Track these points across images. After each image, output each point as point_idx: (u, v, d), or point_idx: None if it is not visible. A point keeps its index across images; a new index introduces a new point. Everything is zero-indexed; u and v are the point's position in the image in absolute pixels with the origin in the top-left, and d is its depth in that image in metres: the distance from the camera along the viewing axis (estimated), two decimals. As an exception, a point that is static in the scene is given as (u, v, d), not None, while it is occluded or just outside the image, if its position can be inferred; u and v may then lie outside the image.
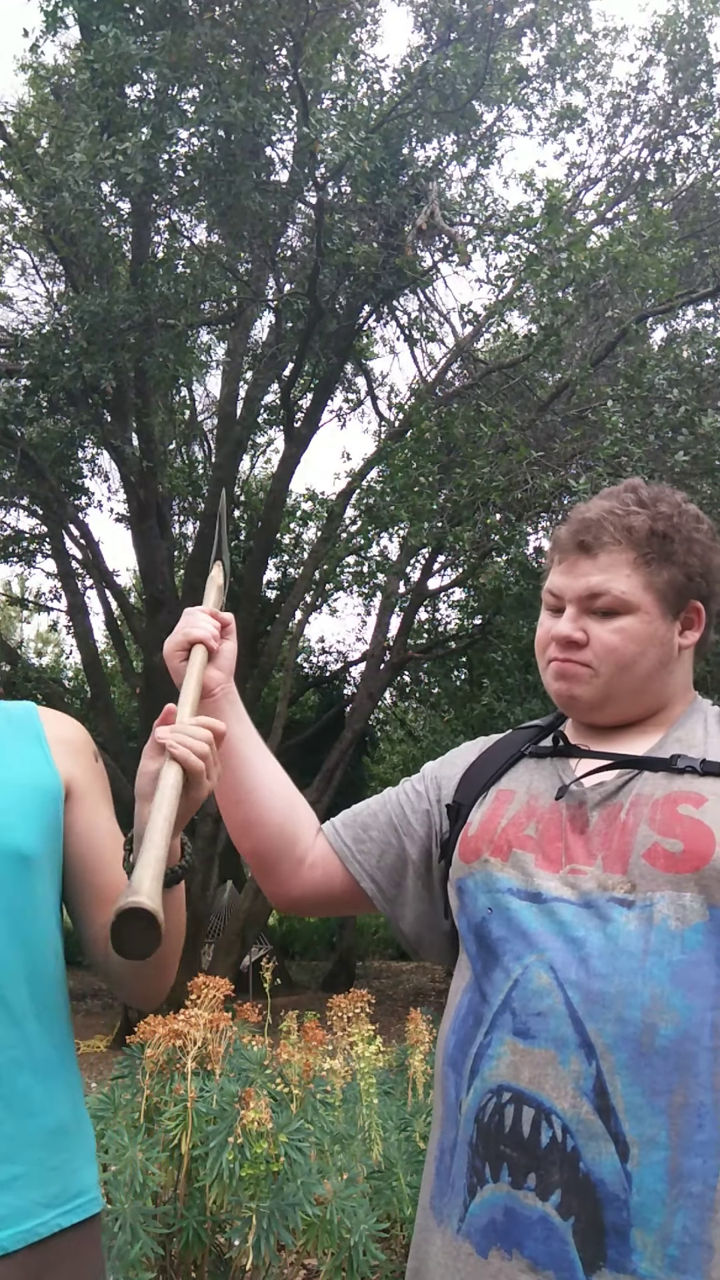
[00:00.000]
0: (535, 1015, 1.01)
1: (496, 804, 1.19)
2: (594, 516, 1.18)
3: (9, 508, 10.64)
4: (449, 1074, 1.10)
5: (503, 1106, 1.01)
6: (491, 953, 1.09)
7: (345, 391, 12.14)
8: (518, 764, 1.24)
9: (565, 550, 1.19)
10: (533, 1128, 0.98)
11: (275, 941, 13.99)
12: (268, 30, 7.34)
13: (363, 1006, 3.08)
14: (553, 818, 1.13)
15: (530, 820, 1.14)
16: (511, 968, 1.05)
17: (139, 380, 9.16)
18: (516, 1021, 1.03)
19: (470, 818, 1.21)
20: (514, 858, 1.11)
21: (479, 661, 10.72)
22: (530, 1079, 1.00)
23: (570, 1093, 0.97)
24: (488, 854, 1.14)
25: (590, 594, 1.15)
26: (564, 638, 1.16)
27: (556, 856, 1.09)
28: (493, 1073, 1.03)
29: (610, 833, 1.08)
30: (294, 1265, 3.14)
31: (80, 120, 6.96)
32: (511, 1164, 0.99)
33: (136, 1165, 2.24)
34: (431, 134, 8.69)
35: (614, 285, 7.53)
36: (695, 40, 9.21)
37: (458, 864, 1.18)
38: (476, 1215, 1.01)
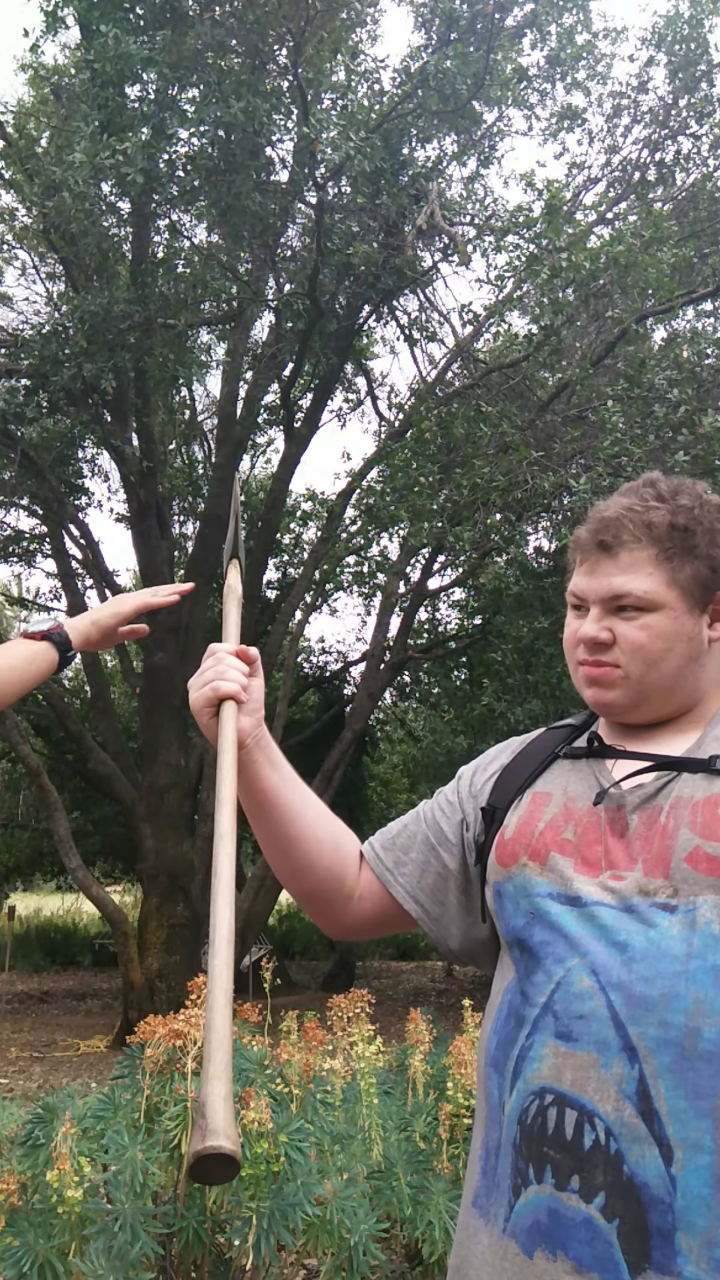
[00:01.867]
0: (577, 1018, 1.01)
1: (533, 807, 1.18)
2: (613, 515, 1.17)
3: (9, 508, 10.65)
4: (491, 1074, 1.10)
5: (545, 1109, 1.01)
6: (533, 956, 1.08)
7: (345, 391, 12.15)
8: (553, 765, 1.23)
9: (586, 551, 1.19)
10: (576, 1130, 0.98)
11: (275, 941, 13.98)
12: (268, 30, 7.35)
13: (363, 1006, 3.08)
14: (591, 821, 1.12)
15: (568, 824, 1.14)
16: (553, 970, 1.05)
17: (139, 380, 9.17)
18: (559, 1024, 1.03)
19: (506, 820, 1.20)
20: (552, 862, 1.11)
21: (479, 661, 10.72)
22: (573, 1081, 1.00)
23: (613, 1096, 0.97)
24: (525, 858, 1.13)
25: (613, 595, 1.15)
26: (590, 639, 1.16)
27: (595, 860, 1.09)
28: (535, 1074, 1.03)
29: (650, 836, 1.08)
30: (294, 1265, 3.14)
31: (80, 120, 6.97)
32: (555, 1166, 0.99)
33: (136, 1165, 2.24)
34: (431, 134, 8.69)
35: (614, 285, 7.53)
36: (695, 40, 9.21)
37: (495, 868, 1.18)
38: (521, 1216, 1.01)
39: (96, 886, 9.12)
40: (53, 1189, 2.25)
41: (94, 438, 10.08)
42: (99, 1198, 2.34)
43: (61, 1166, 2.25)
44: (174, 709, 10.12)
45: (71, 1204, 2.24)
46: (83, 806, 13.36)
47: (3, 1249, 2.24)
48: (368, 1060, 2.89)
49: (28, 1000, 12.49)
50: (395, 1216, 2.60)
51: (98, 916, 15.38)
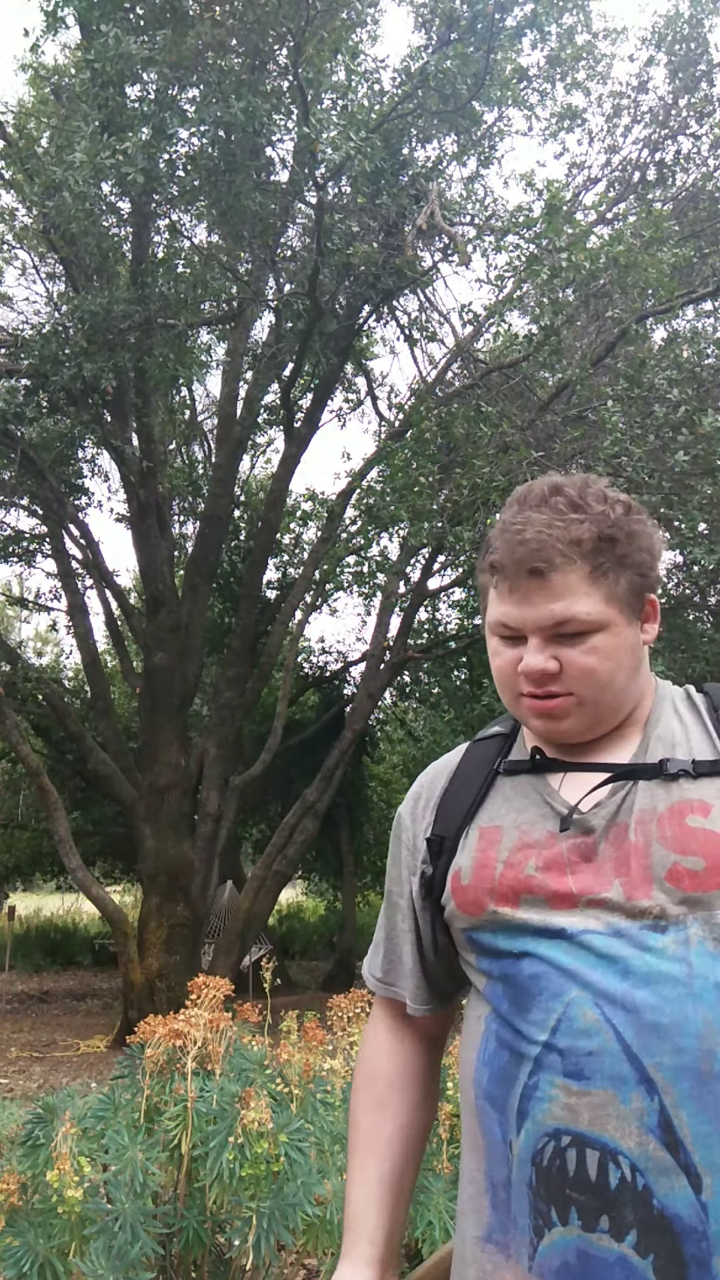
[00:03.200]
0: (586, 1055, 0.98)
1: (484, 845, 1.13)
2: (534, 536, 1.08)
3: (9, 508, 10.64)
4: (488, 1109, 1.06)
5: (563, 1150, 0.97)
6: (524, 990, 1.04)
7: (345, 391, 12.15)
8: (494, 787, 1.18)
9: (513, 578, 1.09)
10: (600, 1170, 0.96)
11: (275, 941, 13.98)
12: (268, 30, 7.34)
13: (363, 1006, 3.07)
14: (553, 852, 1.08)
15: (527, 859, 1.08)
16: (552, 1006, 1.01)
17: (139, 380, 9.16)
18: (566, 1063, 0.99)
19: (457, 861, 1.15)
20: (524, 903, 1.07)
21: (479, 661, 10.72)
22: (590, 1121, 0.96)
23: (635, 1131, 0.95)
24: (492, 905, 1.08)
25: (555, 622, 1.08)
26: (538, 671, 1.08)
27: (568, 892, 1.05)
28: (546, 1116, 0.99)
29: (622, 856, 1.04)
30: (294, 1265, 3.14)
31: (80, 120, 6.96)
32: (580, 1207, 0.96)
33: (136, 1165, 2.24)
34: (431, 134, 8.70)
35: (614, 285, 7.53)
36: (695, 40, 9.21)
37: (458, 915, 1.13)
38: (547, 1257, 0.98)
39: (96, 886, 9.12)
40: (53, 1189, 2.25)
41: (94, 438, 10.08)
42: (99, 1198, 2.34)
43: (61, 1166, 2.25)
44: (174, 709, 10.12)
45: (71, 1204, 2.24)
46: (83, 806, 13.36)
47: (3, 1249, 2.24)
48: (368, 1060, 2.88)
49: (28, 1000, 12.49)
50: (395, 1216, 2.59)
51: (98, 916, 15.38)
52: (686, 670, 7.57)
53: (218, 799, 10.06)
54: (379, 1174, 1.19)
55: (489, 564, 1.13)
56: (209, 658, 12.53)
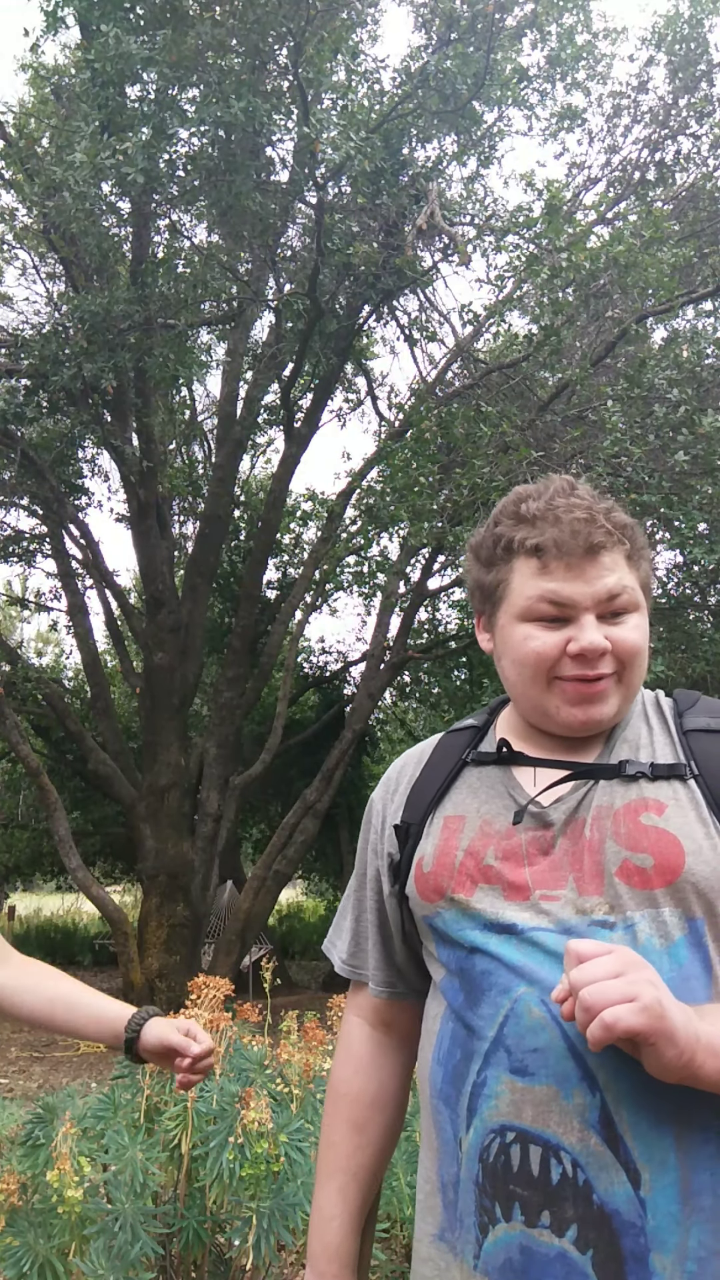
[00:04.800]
0: (532, 1052, 0.99)
1: (447, 834, 1.13)
2: (589, 516, 1.10)
3: (9, 508, 10.64)
4: (441, 1108, 1.07)
5: (508, 1146, 0.99)
6: (475, 986, 1.05)
7: (345, 391, 12.15)
8: (460, 776, 1.19)
9: (570, 554, 1.09)
10: (542, 1165, 0.97)
11: (275, 941, 13.98)
12: (268, 30, 7.34)
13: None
14: (512, 843, 1.08)
15: (487, 848, 1.09)
16: (500, 1002, 1.02)
17: (139, 380, 9.16)
18: (512, 1059, 1.00)
19: (421, 848, 1.16)
20: (480, 892, 1.07)
21: (479, 661, 10.72)
22: (534, 1117, 0.97)
23: (577, 1127, 0.96)
24: (450, 891, 1.09)
25: (609, 595, 1.09)
26: (597, 649, 1.07)
27: (523, 884, 1.05)
28: (493, 1112, 1.00)
29: (577, 851, 1.05)
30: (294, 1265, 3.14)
31: (80, 120, 6.96)
32: (523, 1203, 0.97)
33: (136, 1165, 2.24)
34: (431, 134, 8.69)
35: (614, 285, 7.53)
36: (695, 40, 9.21)
37: (419, 902, 1.14)
38: (491, 1254, 0.99)
39: (96, 886, 9.12)
40: (53, 1189, 2.25)
41: (94, 438, 10.08)
42: (99, 1198, 2.34)
43: (61, 1166, 2.25)
44: (174, 709, 10.12)
45: (71, 1204, 2.24)
46: (83, 806, 13.37)
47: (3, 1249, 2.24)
48: (368, 1060, 2.88)
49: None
50: (395, 1216, 2.60)
51: (98, 916, 15.38)
52: (687, 670, 7.57)
53: (218, 799, 10.06)
54: (360, 1202, 1.21)
55: (533, 546, 1.12)
56: (209, 658, 12.52)
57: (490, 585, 1.17)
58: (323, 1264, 1.19)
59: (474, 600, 1.22)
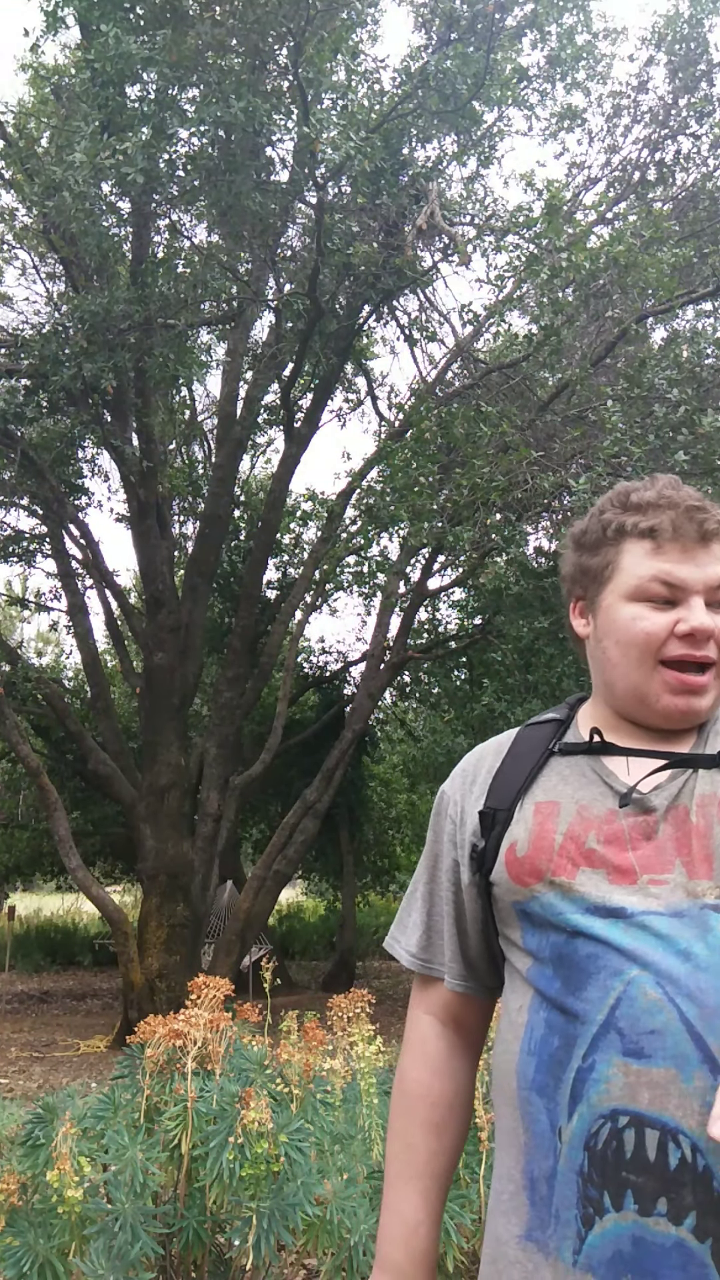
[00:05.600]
0: (648, 1034, 0.96)
1: (542, 819, 1.13)
2: (698, 504, 1.15)
3: (9, 508, 10.64)
4: (533, 1099, 1.04)
5: (620, 1131, 0.95)
6: (579, 969, 1.03)
7: (345, 391, 12.16)
8: (548, 765, 1.18)
9: (685, 537, 1.13)
10: (659, 1150, 0.93)
11: (275, 941, 13.98)
12: (268, 30, 7.34)
13: (363, 1006, 3.07)
14: (613, 828, 1.08)
15: (588, 831, 1.09)
16: (610, 985, 1.00)
17: (139, 380, 9.16)
18: (626, 1041, 0.97)
19: (512, 834, 1.15)
20: (582, 875, 1.06)
21: (479, 661, 10.71)
22: (650, 1100, 0.95)
23: (698, 1110, 0.93)
24: (551, 874, 1.08)
25: (717, 584, 1.12)
26: (707, 630, 1.09)
27: (629, 868, 1.05)
28: (602, 1097, 0.97)
29: (683, 836, 1.05)
30: (294, 1265, 3.14)
31: (80, 120, 6.96)
32: (637, 1190, 0.94)
33: (136, 1165, 2.24)
34: (431, 134, 8.69)
35: (614, 285, 7.53)
36: (695, 40, 9.21)
37: (511, 886, 1.12)
38: (597, 1247, 0.95)
39: (96, 886, 9.12)
40: (53, 1189, 2.25)
41: (94, 438, 10.08)
42: (99, 1198, 2.34)
43: (61, 1166, 2.25)
44: (174, 709, 10.12)
45: (71, 1204, 2.24)
46: (83, 806, 13.36)
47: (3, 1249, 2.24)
48: (368, 1060, 2.88)
49: (28, 1000, 12.49)
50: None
51: (98, 916, 15.39)
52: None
53: (218, 799, 10.06)
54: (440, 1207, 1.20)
55: (647, 528, 1.15)
56: (209, 658, 12.52)
57: (596, 568, 1.19)
58: (409, 1269, 1.16)
59: (573, 587, 1.23)
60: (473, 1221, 2.47)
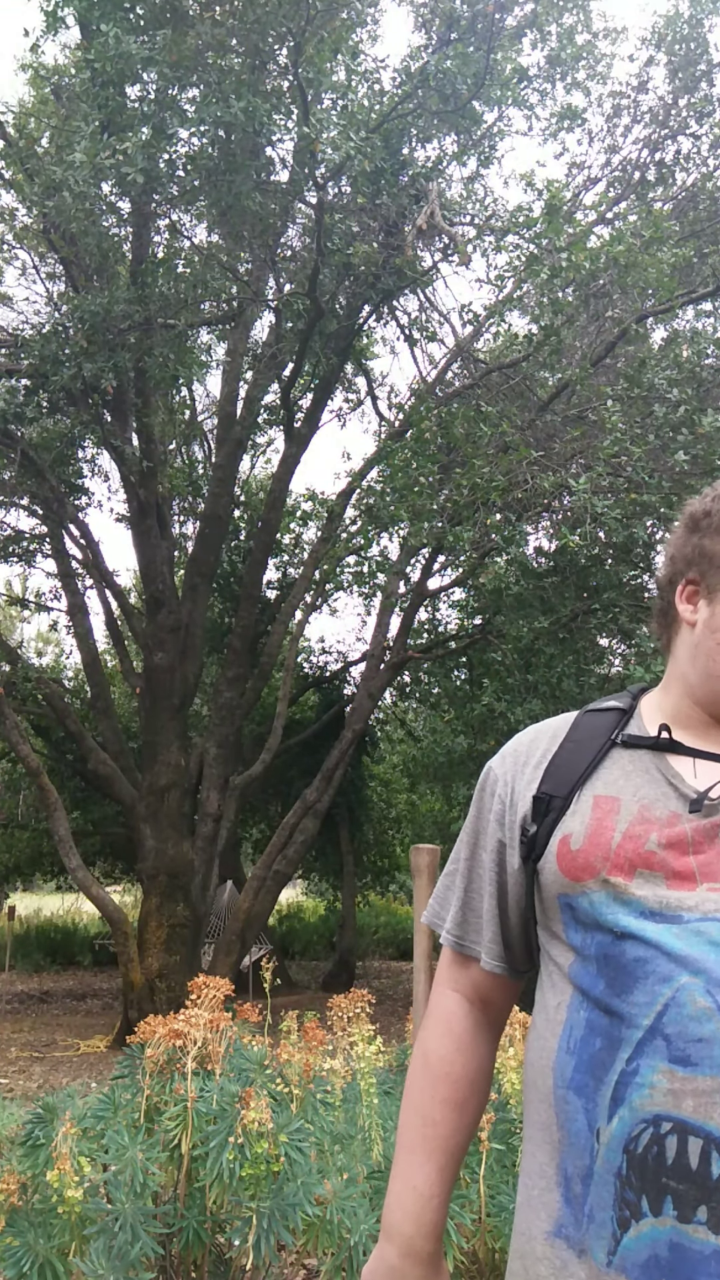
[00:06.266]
0: (696, 1041, 0.96)
1: (601, 814, 1.11)
2: None
3: (9, 508, 10.64)
4: (571, 1098, 1.04)
5: (662, 1137, 0.95)
6: (627, 973, 1.02)
7: (345, 391, 12.16)
8: (609, 757, 1.17)
9: None
10: (702, 1159, 0.93)
11: (275, 941, 13.98)
12: (268, 30, 7.34)
13: (363, 1006, 3.07)
14: (676, 831, 1.06)
15: (649, 833, 1.07)
16: (658, 991, 0.99)
17: (139, 380, 9.16)
18: (673, 1048, 0.97)
19: (567, 825, 1.13)
20: (640, 877, 1.05)
21: (479, 661, 10.71)
22: (695, 1108, 0.94)
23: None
24: (605, 874, 1.07)
25: None
26: None
27: (689, 873, 1.04)
28: (646, 1102, 0.97)
29: None
30: (294, 1265, 3.14)
31: (80, 120, 6.97)
32: (677, 1197, 0.93)
33: (136, 1165, 2.24)
34: (431, 134, 8.70)
35: (614, 285, 7.54)
36: (695, 40, 9.22)
37: (561, 880, 1.11)
38: (632, 1250, 0.95)
39: (96, 886, 9.12)
40: (53, 1189, 2.25)
41: (94, 438, 10.08)
42: (99, 1198, 2.34)
43: (61, 1166, 2.25)
44: (174, 709, 10.12)
45: (71, 1204, 2.24)
46: (83, 806, 13.37)
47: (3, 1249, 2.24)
48: (368, 1060, 2.88)
49: (28, 1000, 12.49)
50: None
51: (98, 916, 15.38)
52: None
53: (218, 799, 10.07)
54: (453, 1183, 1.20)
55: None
56: (209, 658, 12.52)
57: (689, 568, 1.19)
58: (419, 1241, 1.17)
59: (686, 569, 1.21)
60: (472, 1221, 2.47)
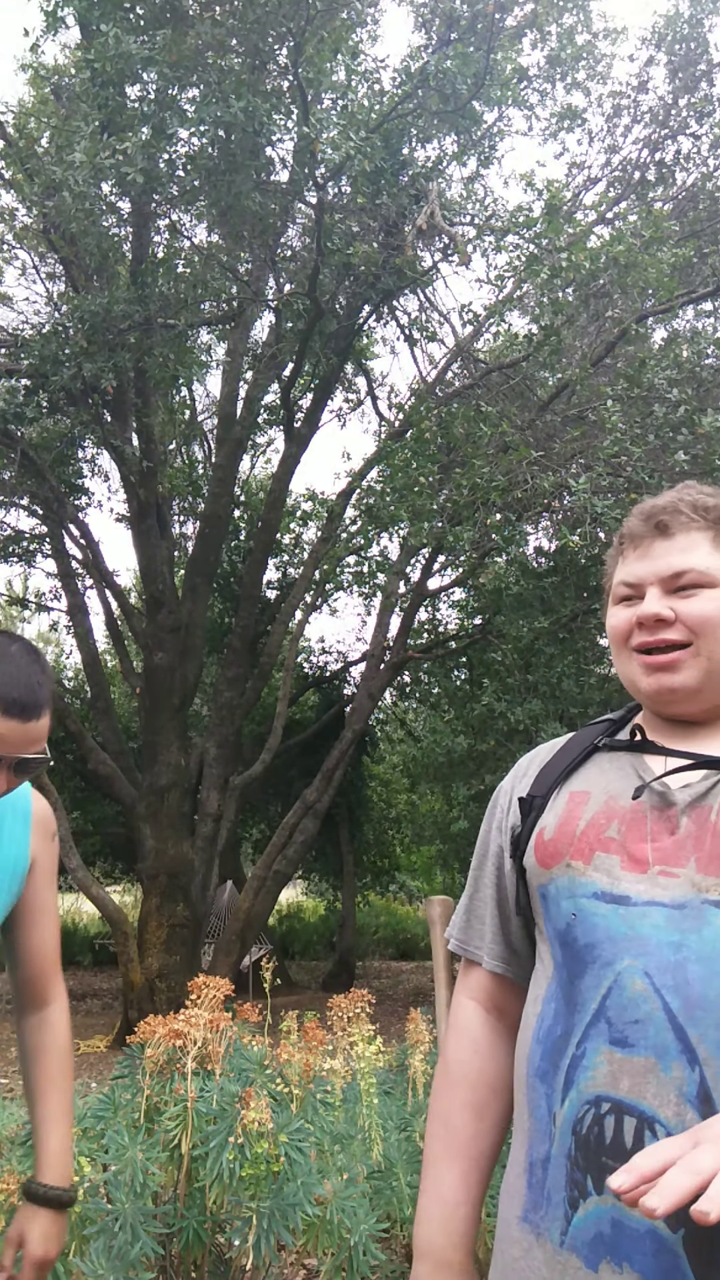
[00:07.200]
0: (633, 1023, 0.99)
1: (571, 805, 1.16)
2: (664, 502, 1.19)
3: (9, 508, 10.64)
4: (537, 1086, 1.07)
5: (602, 1117, 0.98)
6: (579, 959, 1.06)
7: (345, 391, 12.16)
8: (591, 759, 1.22)
9: (639, 536, 1.19)
10: (635, 1138, 0.95)
11: (275, 941, 13.98)
12: (268, 30, 7.34)
13: (363, 1006, 3.07)
14: (636, 818, 1.10)
15: (611, 821, 1.11)
16: (603, 975, 1.03)
17: (139, 380, 9.16)
18: (613, 1030, 1.00)
19: (543, 820, 1.18)
20: (597, 860, 1.09)
21: (479, 661, 10.72)
22: (630, 1088, 0.97)
23: (674, 1100, 0.95)
24: (569, 858, 1.11)
25: (674, 572, 1.15)
26: (652, 616, 1.14)
27: (643, 858, 1.07)
28: (589, 1083, 1.00)
29: (702, 835, 1.05)
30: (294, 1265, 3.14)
31: (80, 120, 6.96)
32: None
33: (136, 1165, 2.24)
34: (431, 134, 8.69)
35: (614, 285, 7.53)
36: (695, 40, 9.22)
37: (536, 869, 1.16)
38: (581, 1228, 0.98)
39: (96, 886, 9.12)
40: (53, 1189, 2.24)
41: (94, 438, 10.08)
42: (99, 1198, 2.34)
43: (61, 1166, 2.24)
44: (174, 709, 10.12)
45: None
46: (83, 806, 13.36)
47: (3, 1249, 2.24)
48: (368, 1060, 2.89)
49: (28, 1000, 12.47)
50: (395, 1216, 2.60)
51: (98, 916, 15.37)
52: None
53: (218, 799, 10.07)
54: (482, 1189, 1.20)
55: (620, 537, 1.24)
56: (209, 658, 12.52)
57: (605, 583, 1.27)
58: (449, 1253, 1.17)
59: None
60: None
